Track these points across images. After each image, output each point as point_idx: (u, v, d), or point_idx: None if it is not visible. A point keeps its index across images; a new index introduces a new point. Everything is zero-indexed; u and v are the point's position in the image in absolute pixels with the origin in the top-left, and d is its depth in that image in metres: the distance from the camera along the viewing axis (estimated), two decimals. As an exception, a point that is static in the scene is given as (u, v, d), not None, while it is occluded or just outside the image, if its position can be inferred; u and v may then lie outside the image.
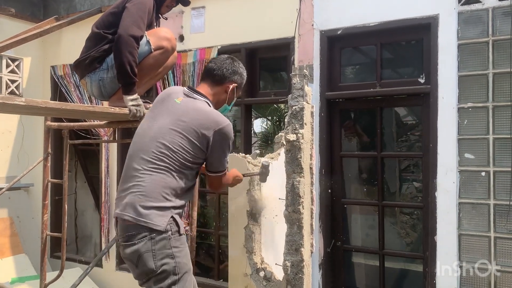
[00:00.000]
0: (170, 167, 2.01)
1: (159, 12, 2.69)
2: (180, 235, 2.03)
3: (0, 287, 2.84)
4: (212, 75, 2.24)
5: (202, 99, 2.18)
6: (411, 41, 3.76)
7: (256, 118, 8.87)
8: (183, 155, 2.02)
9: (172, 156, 2.01)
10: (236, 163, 3.13)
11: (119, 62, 2.33)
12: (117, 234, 2.07)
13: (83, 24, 4.78)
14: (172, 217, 1.99)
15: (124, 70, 2.34)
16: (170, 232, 1.97)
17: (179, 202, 2.04)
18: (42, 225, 3.32)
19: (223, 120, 2.11)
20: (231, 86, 2.26)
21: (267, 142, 8.72)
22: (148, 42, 2.46)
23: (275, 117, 8.78)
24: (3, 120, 5.26)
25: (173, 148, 2.01)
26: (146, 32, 2.47)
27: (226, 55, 2.35)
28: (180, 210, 2.08)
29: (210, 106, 2.18)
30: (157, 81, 3.14)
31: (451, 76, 3.19)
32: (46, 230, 3.32)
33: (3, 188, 3.56)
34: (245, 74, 2.35)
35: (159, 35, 2.50)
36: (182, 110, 2.10)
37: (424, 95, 3.38)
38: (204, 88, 2.24)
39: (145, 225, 1.94)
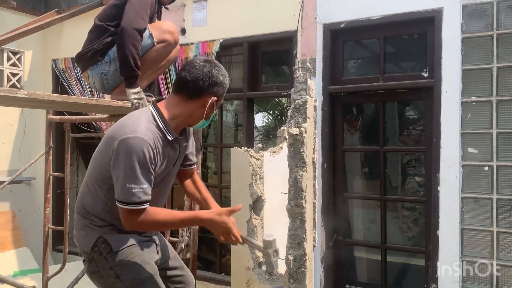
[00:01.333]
0: (88, 182, 1.82)
1: (161, 4, 2.68)
2: (117, 252, 1.78)
3: (2, 280, 2.85)
4: (185, 88, 1.80)
5: (146, 109, 1.82)
6: (414, 35, 3.74)
7: (258, 112, 8.86)
8: (96, 169, 1.79)
9: (89, 174, 1.82)
10: (240, 158, 3.12)
11: (122, 55, 2.32)
12: None
13: (85, 17, 4.75)
14: (100, 237, 1.79)
15: (127, 63, 2.32)
16: (105, 252, 1.78)
17: (99, 219, 1.80)
18: (44, 218, 3.32)
19: (135, 130, 1.67)
20: (209, 101, 1.80)
21: (269, 136, 8.72)
22: (151, 35, 2.44)
23: (276, 111, 8.77)
24: (5, 114, 5.26)
25: (93, 161, 1.82)
26: (148, 25, 2.45)
27: (203, 59, 1.85)
28: (110, 227, 1.81)
29: (154, 120, 1.76)
30: (159, 75, 3.12)
31: (454, 70, 3.17)
32: (48, 223, 3.32)
33: (5, 181, 3.56)
34: (227, 81, 1.87)
35: (162, 28, 2.48)
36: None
37: (428, 89, 3.37)
38: (172, 103, 1.82)
39: (81, 247, 1.85)
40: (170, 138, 1.78)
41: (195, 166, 2.18)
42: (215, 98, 1.82)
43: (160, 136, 1.75)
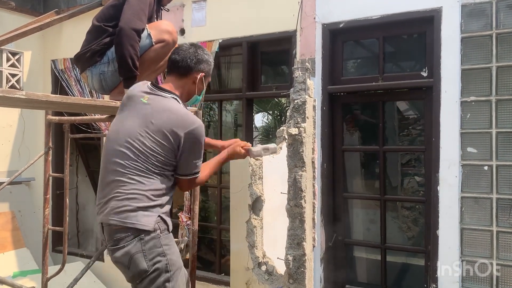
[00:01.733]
0: (147, 170, 1.98)
1: (160, 4, 2.67)
2: (169, 232, 2.03)
3: (1, 281, 2.84)
4: (177, 67, 2.15)
5: (169, 96, 2.10)
6: (413, 34, 3.74)
7: (257, 112, 8.86)
8: (156, 157, 1.98)
9: (146, 160, 1.97)
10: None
11: (120, 55, 2.31)
12: (104, 240, 2.05)
13: (84, 18, 4.74)
14: (159, 216, 1.99)
15: (125, 63, 2.32)
16: (159, 231, 1.97)
17: (162, 202, 2.02)
18: (44, 219, 3.31)
19: (195, 121, 2.04)
20: (198, 76, 2.17)
21: (268, 137, 8.71)
22: (149, 35, 2.43)
23: (276, 112, 8.77)
24: (4, 114, 5.26)
25: (145, 152, 1.97)
26: (147, 25, 2.44)
27: (189, 43, 2.23)
28: (166, 210, 2.05)
29: (179, 102, 2.12)
30: (158, 75, 3.11)
31: (454, 70, 3.17)
32: (48, 224, 3.31)
33: (4, 182, 3.55)
34: (211, 60, 2.24)
35: (160, 28, 2.47)
36: (150, 111, 2.03)
37: (427, 88, 3.37)
38: (170, 82, 2.16)
39: (132, 226, 1.93)
40: (200, 121, 2.11)
41: None
42: (203, 74, 2.19)
43: None
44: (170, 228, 2.05)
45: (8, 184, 3.73)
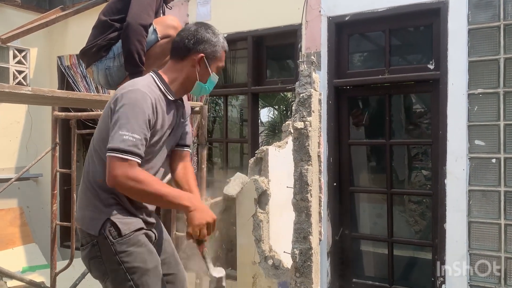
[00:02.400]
0: (93, 150, 1.78)
1: (165, 1, 2.66)
2: (124, 237, 1.71)
3: (11, 276, 2.87)
4: (175, 49, 1.87)
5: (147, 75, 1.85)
6: (420, 27, 3.70)
7: (263, 107, 8.84)
8: (99, 133, 1.76)
9: (95, 138, 1.78)
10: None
11: (127, 50, 2.31)
12: None
13: (89, 14, 4.77)
14: (108, 219, 1.71)
15: (132, 58, 2.31)
16: (111, 237, 1.70)
17: (111, 193, 1.72)
18: (51, 214, 3.33)
19: (131, 84, 1.71)
20: (196, 58, 1.82)
21: (274, 131, 8.70)
22: (154, 30, 2.42)
23: (282, 106, 8.75)
24: (11, 111, 5.29)
25: (96, 130, 1.78)
26: (153, 20, 2.44)
27: (194, 23, 1.92)
28: (118, 206, 1.74)
29: (152, 78, 1.80)
30: (164, 70, 3.11)
31: (461, 62, 3.14)
32: (55, 219, 3.33)
33: (12, 178, 3.58)
34: (216, 39, 1.86)
35: (166, 24, 2.46)
36: None
37: (434, 81, 3.34)
38: (167, 67, 1.89)
39: (84, 230, 1.76)
40: (171, 98, 1.80)
41: (189, 150, 2.09)
42: (202, 55, 1.83)
43: (161, 96, 1.77)
44: (125, 231, 1.72)
45: (16, 180, 3.77)
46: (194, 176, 2.05)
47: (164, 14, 2.74)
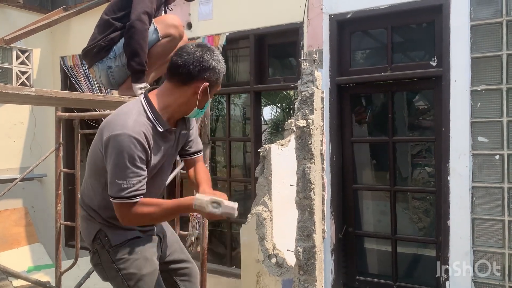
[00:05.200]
0: (86, 177, 1.86)
1: (166, 2, 2.67)
2: (117, 246, 1.80)
3: (16, 276, 2.89)
4: (177, 73, 1.74)
5: (136, 100, 1.79)
6: (422, 24, 3.69)
7: (266, 105, 8.84)
8: (90, 161, 1.81)
9: (87, 166, 1.84)
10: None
11: (131, 49, 2.32)
12: None
13: (92, 14, 4.78)
14: (101, 229, 1.81)
15: (135, 57, 2.32)
16: (107, 246, 1.81)
17: (102, 215, 1.82)
18: (56, 214, 3.35)
19: (121, 126, 1.64)
20: (201, 87, 1.74)
21: (278, 130, 8.70)
22: (155, 29, 2.43)
23: (285, 104, 8.74)
24: (15, 112, 5.32)
25: (88, 158, 1.84)
26: (153, 19, 2.45)
27: (195, 44, 1.80)
28: (108, 224, 1.83)
29: (142, 104, 1.75)
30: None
31: (463, 58, 3.13)
32: (60, 219, 3.35)
33: (16, 178, 3.60)
34: (220, 67, 1.79)
35: (166, 22, 2.47)
36: None
37: (436, 78, 3.33)
38: (163, 89, 1.79)
39: (84, 238, 1.91)
40: (160, 130, 1.74)
41: (201, 154, 2.10)
42: (207, 84, 1.76)
43: (151, 128, 1.71)
44: (116, 241, 1.81)
45: (21, 180, 3.79)
46: (204, 170, 2.08)
47: (166, 13, 2.74)
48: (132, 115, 1.69)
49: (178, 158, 2.10)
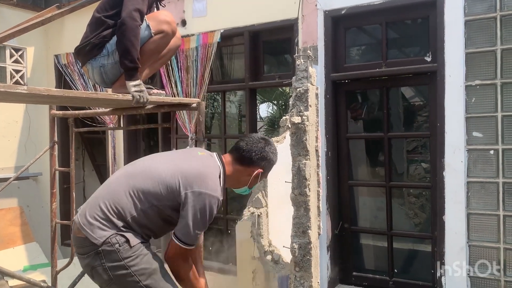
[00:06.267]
0: (136, 193, 1.91)
1: None
2: (131, 246, 1.87)
3: (12, 276, 2.88)
4: (240, 155, 2.10)
5: (216, 162, 2.05)
6: (416, 19, 3.69)
7: (262, 102, 8.84)
8: (156, 189, 1.90)
9: (145, 188, 1.90)
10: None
11: (123, 47, 2.30)
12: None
13: (85, 12, 4.74)
14: (114, 234, 1.85)
15: (128, 55, 2.30)
16: (117, 244, 1.84)
17: (129, 226, 1.90)
18: (51, 213, 3.34)
19: (212, 188, 1.90)
20: (255, 171, 2.10)
21: (274, 127, 8.70)
22: (148, 26, 2.41)
23: (280, 101, 8.74)
24: (9, 111, 5.29)
25: (150, 181, 1.91)
26: (146, 16, 2.43)
27: (260, 136, 2.18)
28: (132, 232, 1.90)
29: (216, 170, 2.00)
30: (161, 66, 3.10)
31: (458, 54, 3.13)
32: (55, 218, 3.33)
33: (11, 177, 3.58)
34: (275, 159, 2.17)
35: (159, 19, 2.45)
36: (184, 156, 2.06)
37: (431, 73, 3.33)
38: (228, 159, 2.12)
39: (89, 238, 1.85)
40: (220, 199, 1.96)
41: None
42: (261, 170, 2.11)
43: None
44: (133, 242, 1.88)
45: (16, 179, 3.77)
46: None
47: (157, 9, 2.72)
48: (219, 181, 1.99)
49: None
